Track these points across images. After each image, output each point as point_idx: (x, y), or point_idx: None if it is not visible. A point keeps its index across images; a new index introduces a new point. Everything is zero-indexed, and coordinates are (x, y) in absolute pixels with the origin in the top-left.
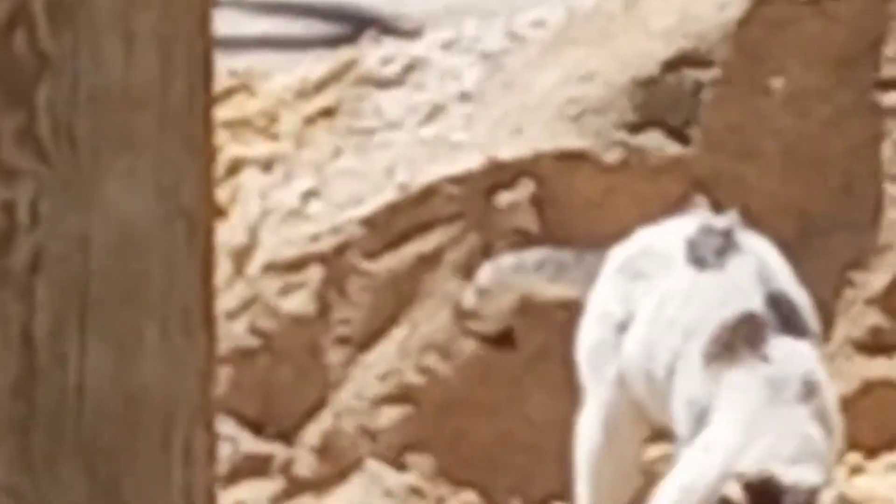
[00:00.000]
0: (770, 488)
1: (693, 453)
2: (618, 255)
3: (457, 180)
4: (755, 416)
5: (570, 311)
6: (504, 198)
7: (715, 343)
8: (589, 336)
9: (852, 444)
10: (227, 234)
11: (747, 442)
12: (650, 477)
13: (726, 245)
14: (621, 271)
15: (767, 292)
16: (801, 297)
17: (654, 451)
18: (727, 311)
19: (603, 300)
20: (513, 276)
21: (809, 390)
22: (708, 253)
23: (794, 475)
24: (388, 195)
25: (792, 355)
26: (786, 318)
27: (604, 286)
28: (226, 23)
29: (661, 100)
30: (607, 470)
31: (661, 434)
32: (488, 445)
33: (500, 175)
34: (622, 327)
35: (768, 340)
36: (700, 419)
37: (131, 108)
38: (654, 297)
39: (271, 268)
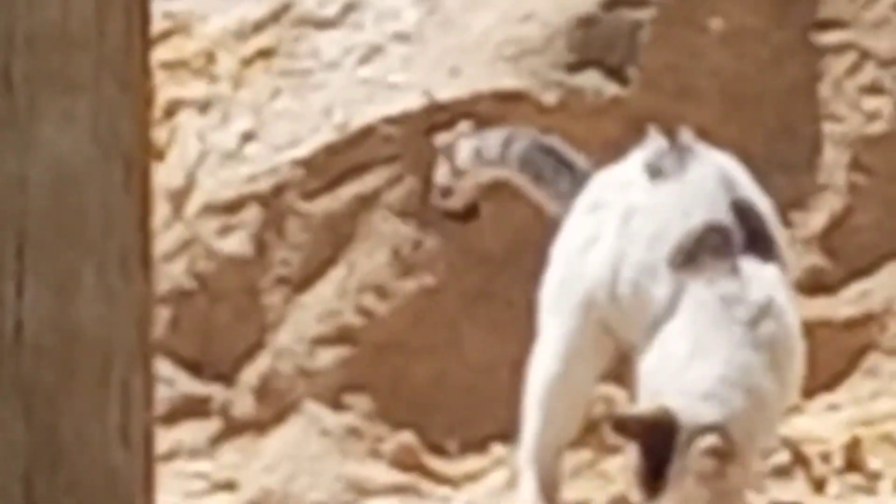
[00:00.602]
0: (664, 424)
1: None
2: (580, 201)
3: (394, 121)
4: (701, 336)
5: (512, 252)
6: (442, 138)
7: (680, 252)
8: (555, 274)
9: None
10: (165, 175)
11: (687, 363)
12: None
13: (685, 156)
14: (584, 212)
15: (732, 201)
16: (766, 208)
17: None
18: (693, 221)
19: (567, 245)
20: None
21: (764, 316)
22: (667, 164)
23: (694, 412)
24: (326, 136)
25: (755, 277)
26: (753, 232)
27: (568, 232)
28: None
29: (599, 40)
30: (561, 401)
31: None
32: (426, 386)
33: (438, 115)
34: (586, 253)
35: (735, 255)
36: (656, 326)
37: (68, 50)
38: (616, 215)
39: (209, 209)
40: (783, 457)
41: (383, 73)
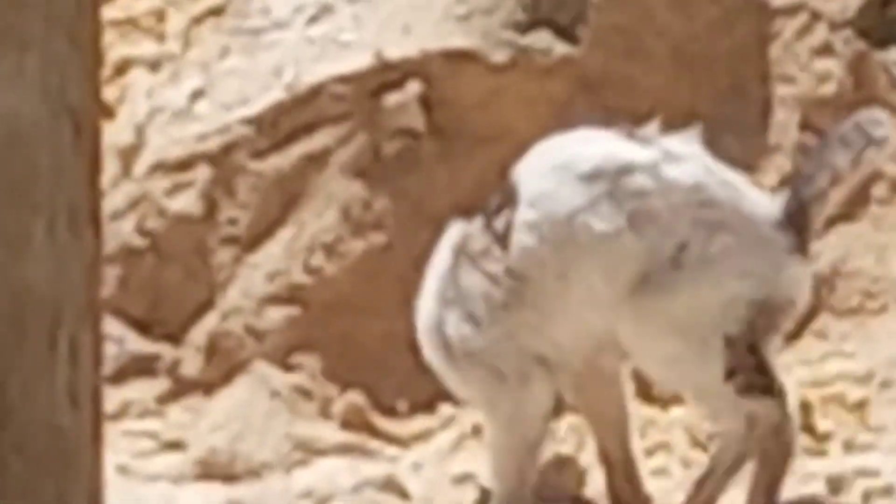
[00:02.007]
0: None
1: None
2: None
3: (344, 80)
4: None
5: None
6: (392, 98)
7: None
8: None
9: None
10: (115, 133)
11: None
12: None
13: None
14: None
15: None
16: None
17: None
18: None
19: None
20: None
21: None
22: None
23: None
24: (276, 95)
25: None
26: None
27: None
28: None
29: None
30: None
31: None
32: (375, 346)
33: (387, 75)
34: None
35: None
36: None
37: (17, 6)
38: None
39: (159, 167)
40: None
41: (333, 32)
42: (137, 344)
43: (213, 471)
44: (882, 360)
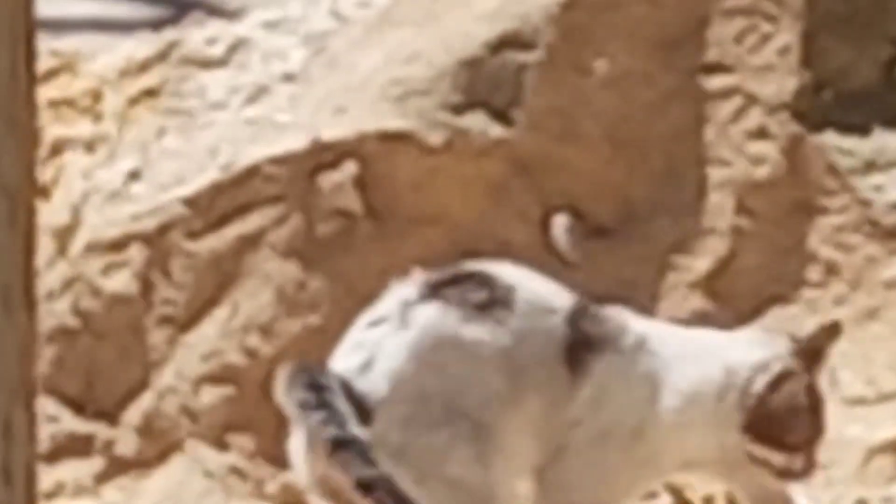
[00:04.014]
0: None
1: None
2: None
3: (279, 161)
4: None
5: None
6: (327, 179)
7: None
8: None
9: None
10: (50, 213)
11: None
12: None
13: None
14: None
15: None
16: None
17: None
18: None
19: None
20: None
21: None
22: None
23: None
24: (211, 175)
25: None
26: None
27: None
28: (50, 4)
29: (485, 81)
30: None
31: None
32: None
33: (323, 156)
34: None
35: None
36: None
37: None
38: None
39: (94, 247)
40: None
41: (269, 113)
42: (72, 423)
43: None
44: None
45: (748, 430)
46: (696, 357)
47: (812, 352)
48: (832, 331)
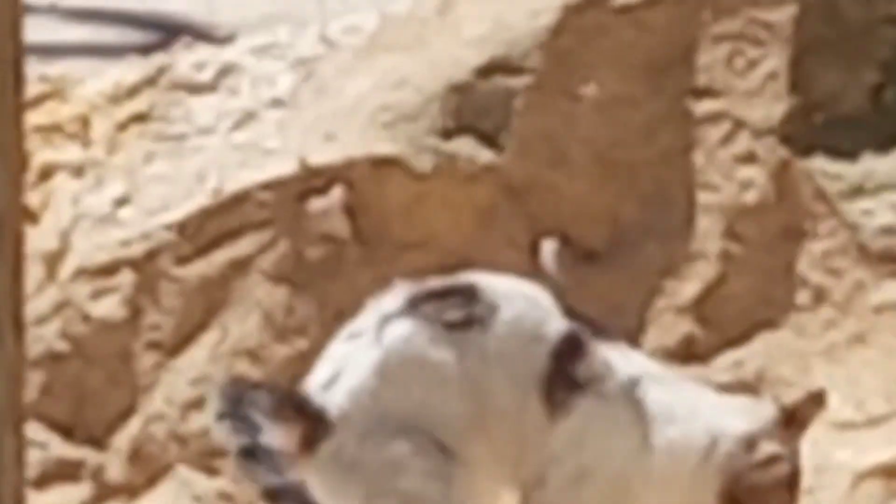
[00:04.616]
0: None
1: None
2: None
3: (268, 186)
4: None
5: None
6: (316, 204)
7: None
8: None
9: None
10: (39, 239)
11: None
12: None
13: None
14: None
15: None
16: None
17: None
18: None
19: None
20: None
21: None
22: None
23: None
24: (200, 201)
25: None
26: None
27: None
28: (39, 29)
29: (474, 106)
30: None
31: None
32: None
33: (311, 181)
34: None
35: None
36: None
37: None
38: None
39: (82, 273)
40: None
41: (257, 139)
42: (61, 448)
43: None
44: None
45: (724, 498)
46: (684, 418)
47: (796, 421)
48: (817, 400)
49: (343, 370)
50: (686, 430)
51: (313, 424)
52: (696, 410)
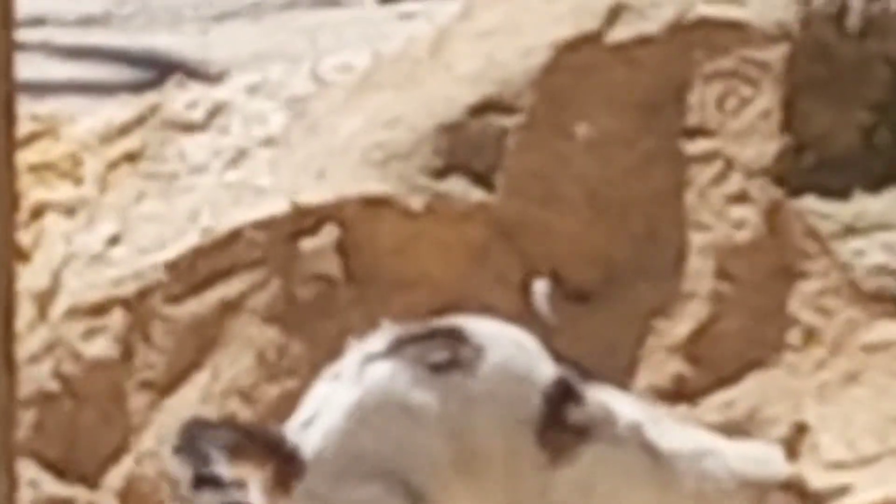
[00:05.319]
0: None
1: None
2: None
3: (260, 225)
4: None
5: None
6: (308, 243)
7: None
8: None
9: None
10: (30, 277)
11: None
12: None
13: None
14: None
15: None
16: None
17: None
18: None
19: None
20: None
21: None
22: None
23: None
24: (192, 239)
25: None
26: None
27: None
28: (30, 67)
29: (466, 145)
30: None
31: None
32: None
33: (303, 220)
34: None
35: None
36: None
37: None
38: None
39: (74, 312)
40: None
41: (250, 178)
42: (53, 487)
43: None
44: None
45: None
46: (707, 465)
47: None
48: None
49: (321, 410)
50: (719, 478)
51: (287, 464)
52: (725, 457)
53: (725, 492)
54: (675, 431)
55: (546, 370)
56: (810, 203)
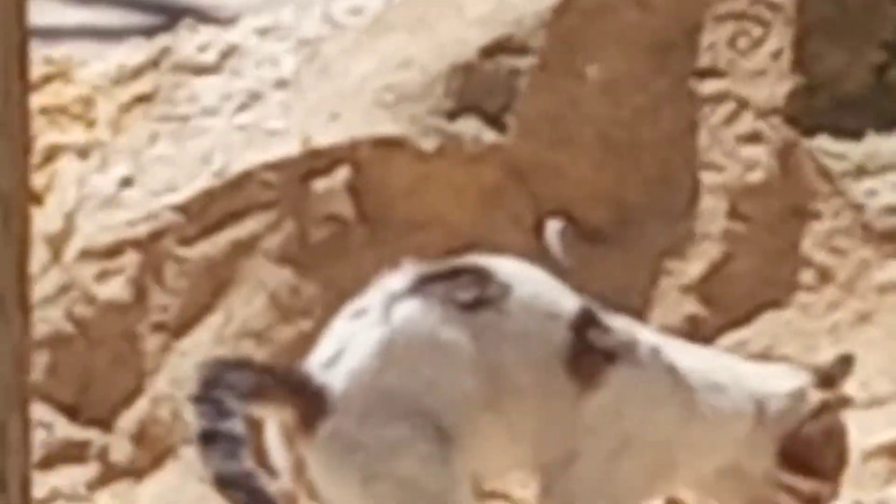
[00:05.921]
0: None
1: None
2: None
3: (273, 167)
4: None
5: None
6: (320, 184)
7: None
8: None
9: None
10: (44, 220)
11: None
12: None
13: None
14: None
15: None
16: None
17: None
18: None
19: None
20: None
21: None
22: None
23: None
24: (204, 182)
25: None
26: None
27: None
28: (43, 12)
29: (478, 87)
30: None
31: None
32: None
33: (316, 162)
34: None
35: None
36: None
37: None
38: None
39: (87, 254)
40: None
41: (262, 120)
42: (67, 430)
43: None
44: None
45: (782, 457)
46: (726, 385)
47: (829, 383)
48: (847, 362)
49: (346, 349)
50: (732, 396)
51: (313, 403)
52: (738, 377)
53: (741, 410)
54: (692, 352)
55: (570, 303)
56: (822, 143)
